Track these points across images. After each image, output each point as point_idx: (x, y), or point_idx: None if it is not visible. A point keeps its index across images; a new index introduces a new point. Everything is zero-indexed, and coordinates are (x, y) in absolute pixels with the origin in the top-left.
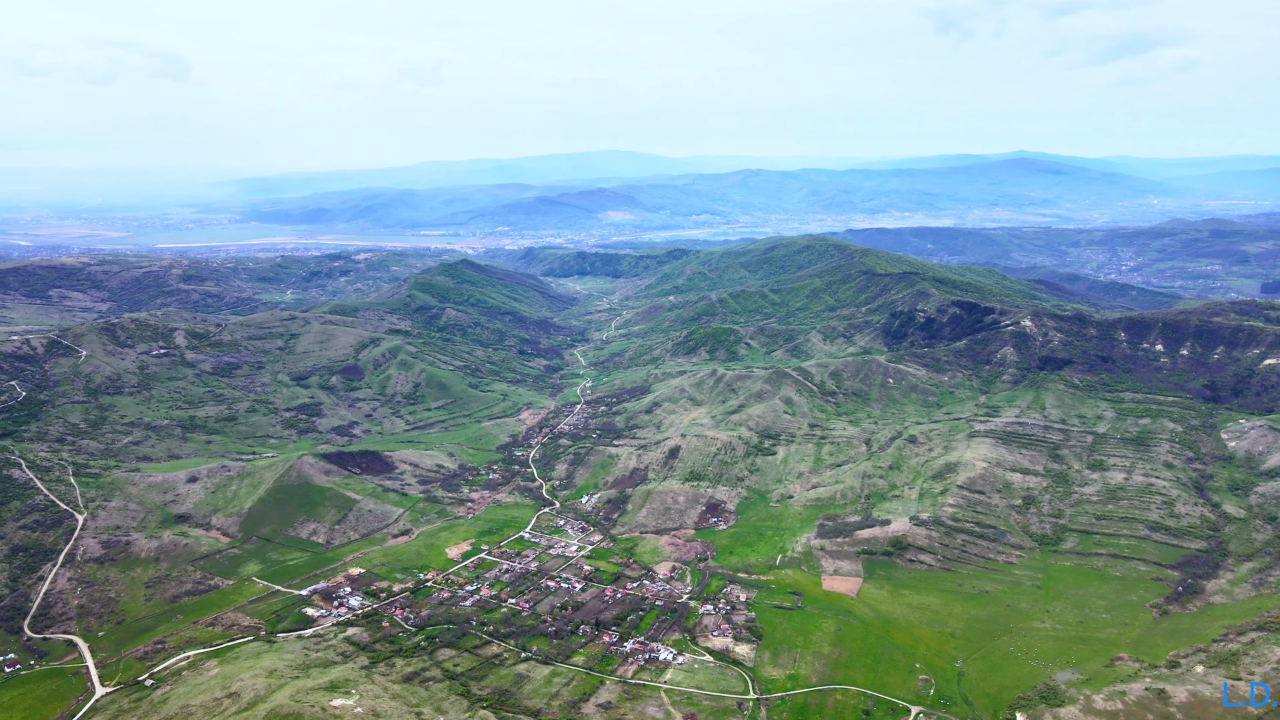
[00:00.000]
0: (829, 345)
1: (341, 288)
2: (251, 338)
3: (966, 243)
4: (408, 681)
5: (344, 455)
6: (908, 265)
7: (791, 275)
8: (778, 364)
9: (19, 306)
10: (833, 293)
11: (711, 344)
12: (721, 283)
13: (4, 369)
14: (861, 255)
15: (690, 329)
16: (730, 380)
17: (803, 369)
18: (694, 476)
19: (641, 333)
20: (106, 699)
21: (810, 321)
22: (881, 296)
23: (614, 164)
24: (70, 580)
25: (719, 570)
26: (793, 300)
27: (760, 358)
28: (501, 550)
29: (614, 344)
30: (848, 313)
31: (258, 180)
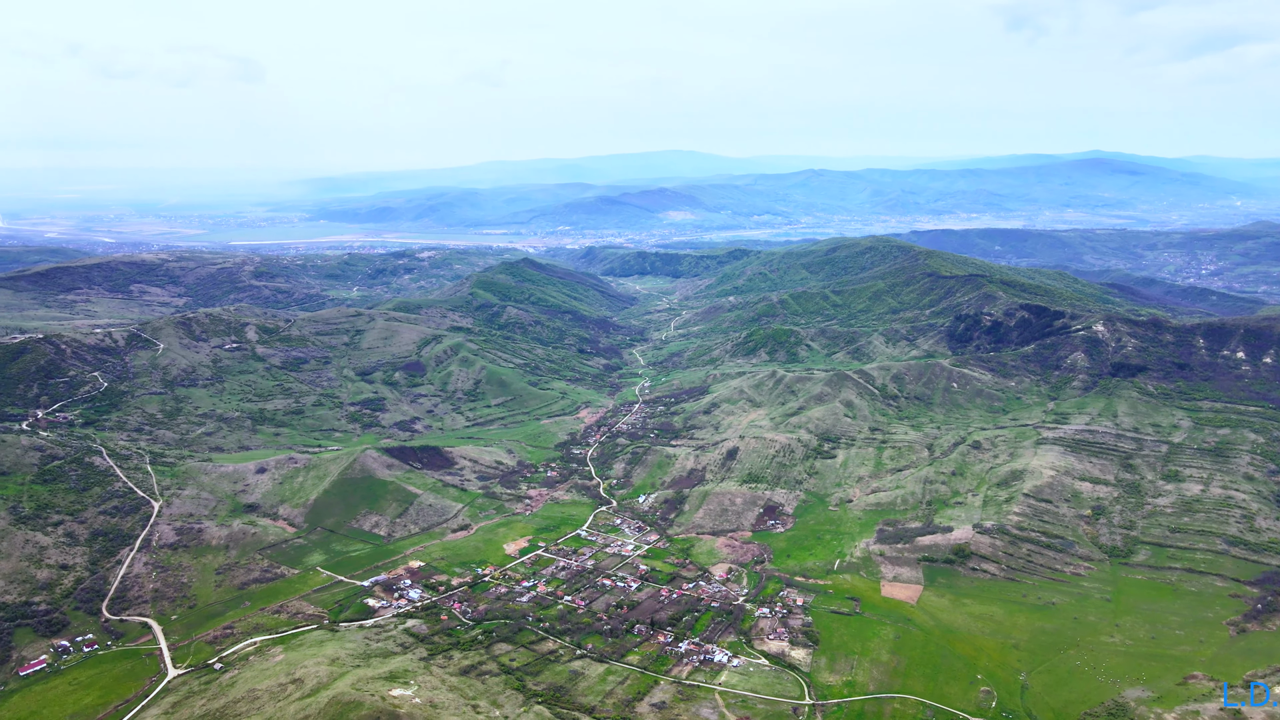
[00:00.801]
0: (891, 348)
1: (405, 285)
2: (319, 333)
3: (1036, 245)
4: (465, 674)
5: (406, 450)
6: (974, 267)
7: (854, 277)
8: (838, 366)
9: (102, 300)
10: (896, 295)
11: (771, 345)
12: (782, 284)
13: (88, 360)
14: (926, 257)
15: (750, 330)
16: (790, 382)
17: (864, 372)
18: (752, 478)
19: (701, 333)
20: (178, 680)
21: (872, 324)
22: (946, 299)
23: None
24: (146, 565)
25: (776, 573)
26: (854, 302)
27: (821, 360)
28: (558, 547)
29: (673, 344)
30: (911, 315)
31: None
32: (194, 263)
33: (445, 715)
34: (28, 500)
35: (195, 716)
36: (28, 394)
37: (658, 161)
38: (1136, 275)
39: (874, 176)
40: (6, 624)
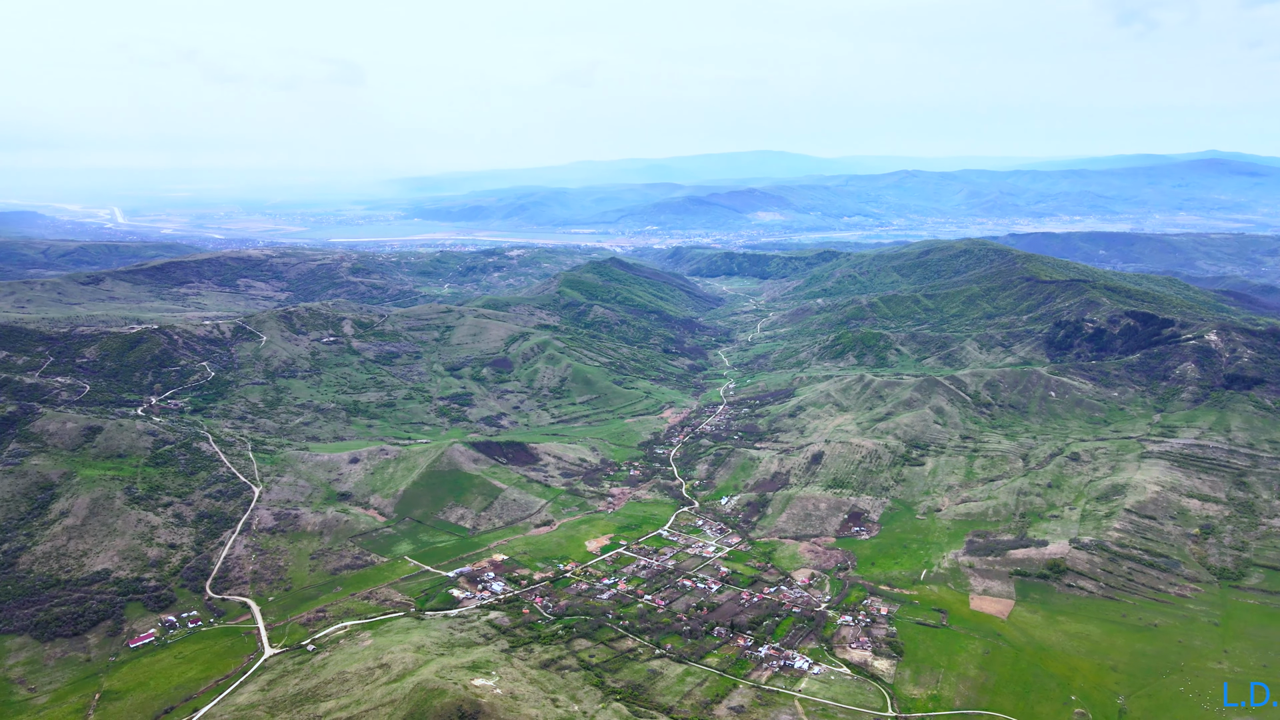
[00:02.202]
0: (985, 354)
1: (495, 283)
2: (411, 328)
3: (1144, 249)
4: (545, 668)
5: (492, 445)
6: (1075, 272)
7: (947, 280)
8: (929, 372)
9: (211, 294)
10: (991, 299)
11: (860, 349)
12: (872, 286)
13: (197, 350)
14: (1024, 261)
15: (838, 333)
16: (878, 387)
17: (956, 378)
18: (837, 484)
19: (787, 335)
20: (274, 659)
21: (965, 329)
22: (1045, 305)
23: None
24: (246, 547)
25: (859, 581)
26: (947, 306)
27: (910, 365)
28: (639, 546)
29: (759, 345)
30: (1007, 321)
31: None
32: (295, 259)
33: (525, 707)
34: (141, 482)
35: (289, 695)
36: (143, 381)
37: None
38: (1255, 283)
39: (970, 177)
40: (119, 598)
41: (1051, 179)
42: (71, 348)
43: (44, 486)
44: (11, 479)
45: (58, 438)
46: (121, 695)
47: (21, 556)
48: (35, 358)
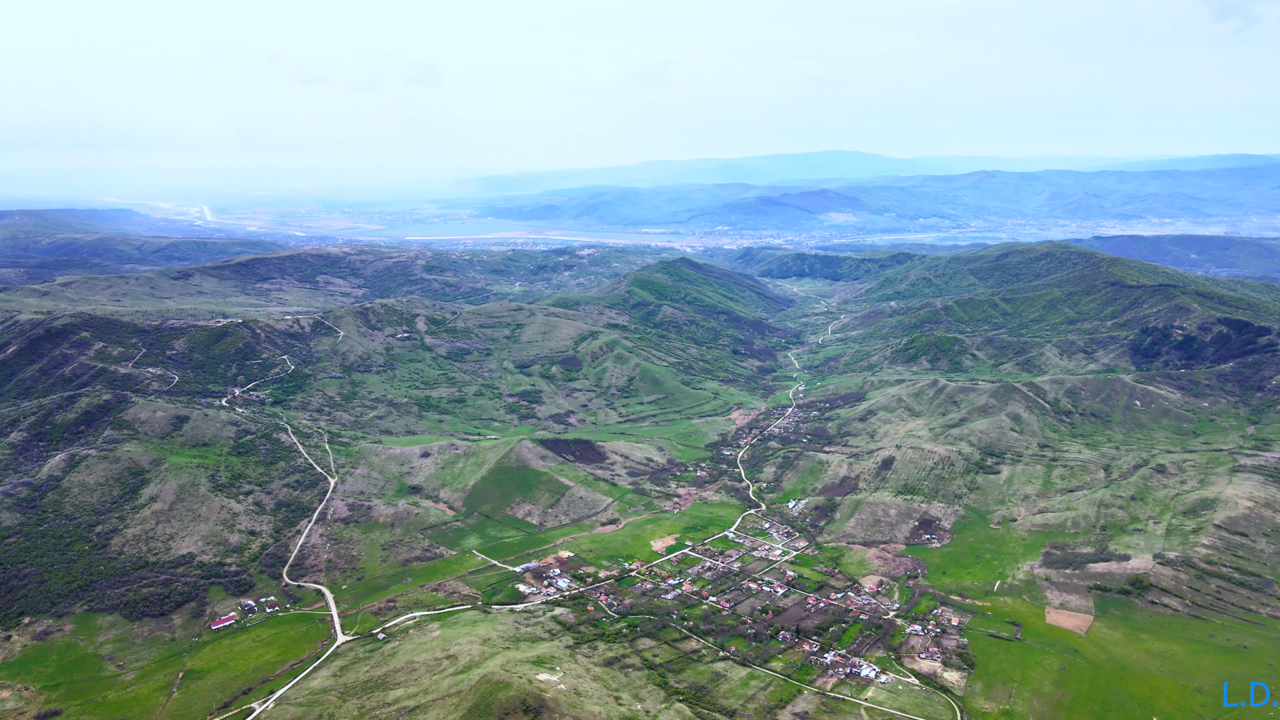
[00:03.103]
0: (1065, 360)
1: (565, 281)
2: (482, 326)
3: (1240, 254)
4: (608, 665)
5: (559, 442)
6: (1164, 277)
7: (1026, 284)
8: (1006, 377)
9: (293, 289)
10: (1073, 304)
11: (933, 353)
12: (947, 290)
13: (278, 344)
14: (1109, 265)
15: (911, 336)
16: (952, 392)
17: (1034, 384)
18: (907, 490)
19: (859, 338)
20: (346, 646)
21: (1045, 334)
22: (1131, 310)
23: (838, 164)
24: (321, 536)
25: (930, 590)
26: (1026, 311)
27: (986, 370)
28: (705, 547)
29: (829, 348)
30: (1089, 326)
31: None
32: (372, 256)
33: (588, 704)
34: (224, 470)
35: (360, 681)
36: (227, 373)
37: (819, 162)
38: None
39: (1053, 178)
40: (203, 581)
41: (1140, 180)
42: (162, 340)
43: (135, 472)
44: (106, 464)
45: (148, 426)
46: (203, 675)
47: (114, 538)
48: (129, 349)
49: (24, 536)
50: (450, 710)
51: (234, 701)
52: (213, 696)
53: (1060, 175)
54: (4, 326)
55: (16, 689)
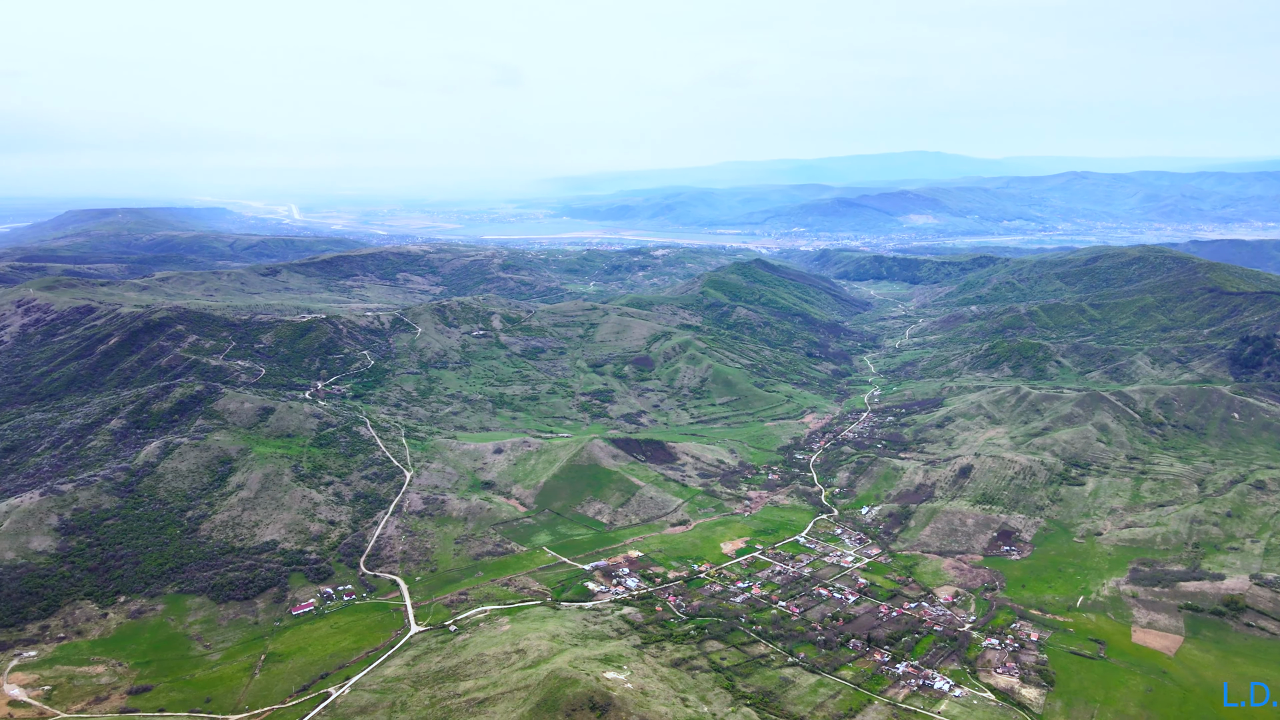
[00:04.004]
0: (1158, 370)
1: (639, 281)
2: (556, 324)
3: None
4: (675, 666)
5: (631, 442)
6: (1268, 283)
7: (1116, 289)
8: (1092, 386)
9: (373, 286)
10: (1166, 311)
11: (1016, 359)
12: (1032, 294)
13: (359, 340)
14: (1207, 270)
15: (992, 342)
16: (1035, 400)
17: (1123, 394)
18: (986, 499)
19: (937, 343)
20: (419, 636)
21: (1136, 342)
22: (1230, 318)
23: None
24: (397, 528)
25: (1008, 603)
26: (1116, 317)
27: (1072, 378)
28: (775, 552)
29: (906, 352)
30: (1184, 335)
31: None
32: (450, 255)
33: (655, 704)
34: (306, 461)
35: (432, 671)
36: (310, 367)
37: (899, 163)
38: None
39: (1147, 179)
40: (285, 568)
41: (1242, 181)
42: (251, 334)
43: (224, 460)
44: (197, 452)
45: (237, 416)
46: (284, 658)
47: (203, 524)
48: (220, 342)
49: (121, 519)
50: (518, 704)
51: (312, 685)
52: (292, 679)
53: (1155, 176)
54: (107, 319)
55: (111, 664)
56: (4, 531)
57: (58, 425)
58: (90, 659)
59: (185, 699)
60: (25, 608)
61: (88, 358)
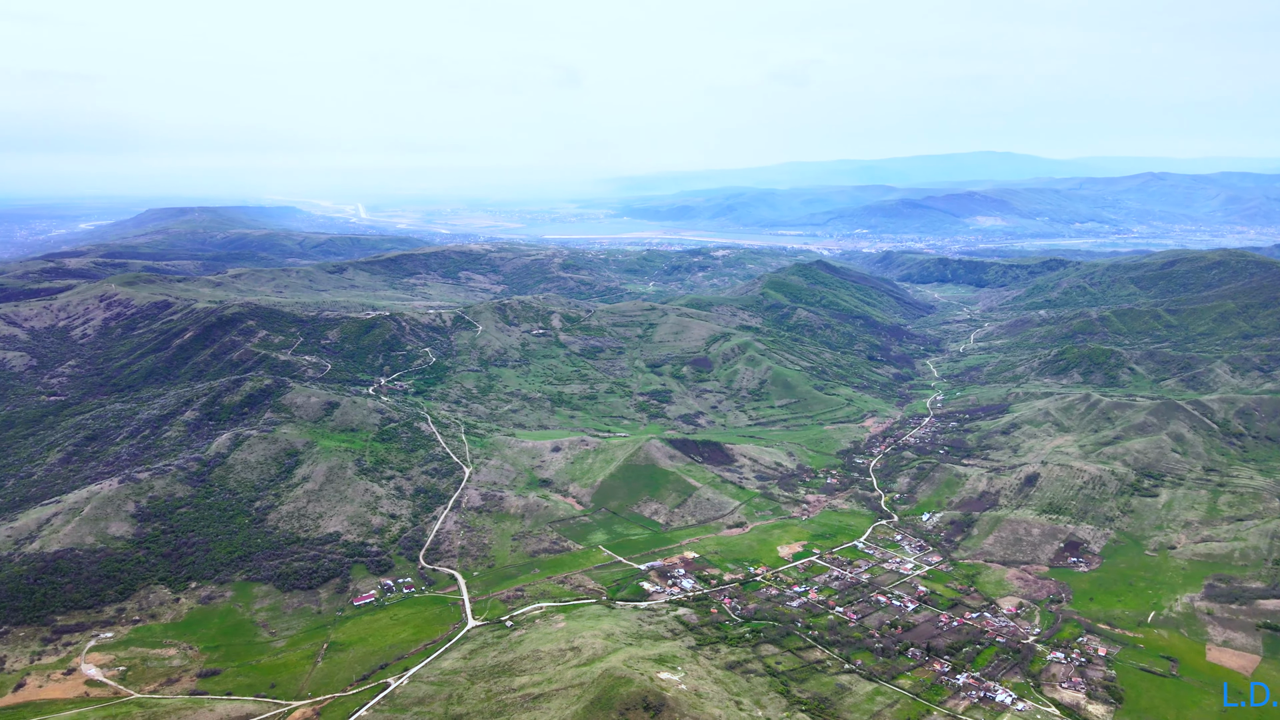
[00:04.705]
0: (1238, 379)
1: (698, 282)
2: (615, 324)
3: None
4: (730, 669)
5: (688, 443)
6: None
7: (1195, 295)
8: (1167, 394)
9: (436, 284)
10: (1249, 317)
11: (1086, 366)
12: (1104, 299)
13: (421, 337)
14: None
15: (1062, 347)
16: (1106, 408)
17: (1200, 403)
18: (1052, 509)
19: (1004, 347)
20: (475, 630)
21: (1215, 349)
22: None
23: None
24: (456, 523)
25: (1074, 616)
26: (1194, 324)
27: (1146, 386)
28: (833, 556)
29: (971, 357)
30: (1268, 343)
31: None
32: (511, 254)
33: (709, 706)
34: (369, 455)
35: (488, 665)
36: (374, 363)
37: (966, 163)
38: None
39: (1229, 180)
40: (347, 559)
41: None
42: (318, 330)
43: (290, 453)
44: (265, 444)
45: (303, 410)
46: (345, 647)
47: (270, 514)
48: (289, 337)
49: (193, 507)
50: (572, 701)
51: (372, 675)
52: (353, 669)
53: (1238, 177)
54: (183, 314)
55: (183, 648)
56: (85, 517)
57: (136, 416)
58: (163, 642)
59: (251, 684)
60: (103, 590)
61: (164, 351)
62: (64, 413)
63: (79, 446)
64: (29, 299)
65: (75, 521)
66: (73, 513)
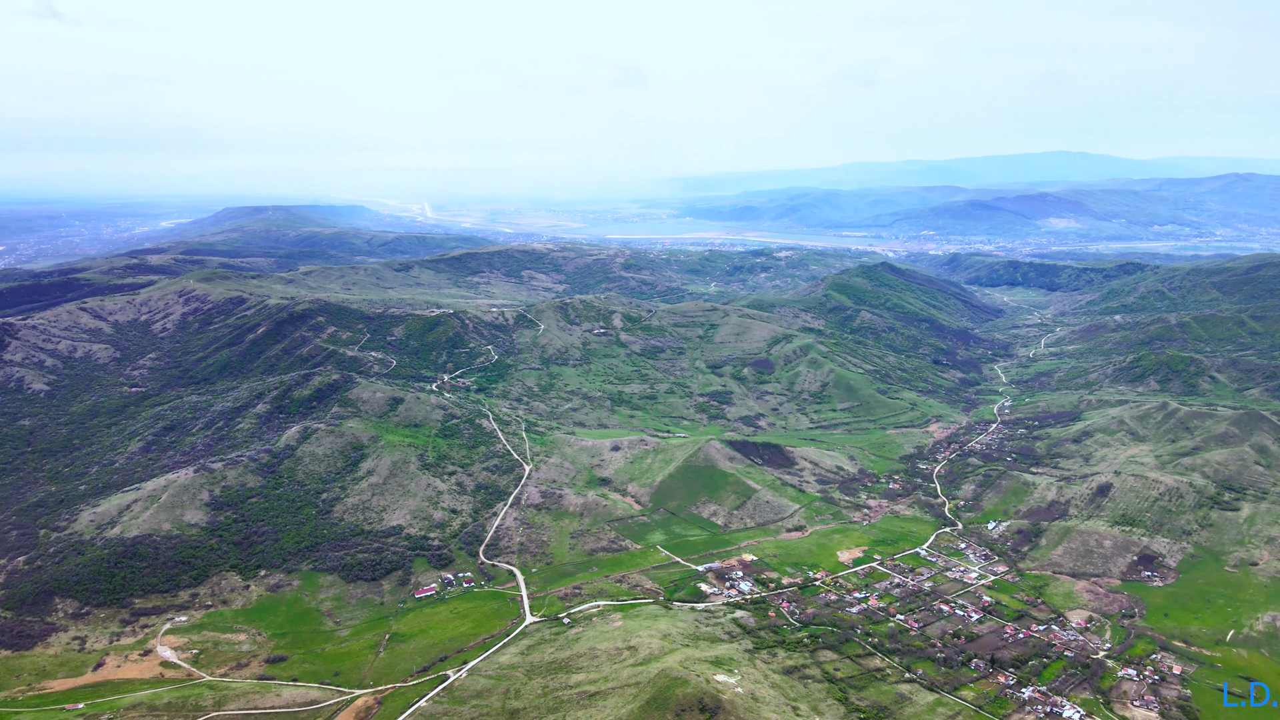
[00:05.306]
0: None
1: (761, 283)
2: (676, 324)
3: None
4: (787, 674)
5: (748, 445)
6: None
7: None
8: (1251, 404)
9: (499, 283)
10: None
11: (1164, 373)
12: (1184, 304)
13: (484, 335)
14: None
15: (1138, 354)
16: (1184, 417)
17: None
18: (1126, 520)
19: (1076, 353)
20: (533, 626)
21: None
22: None
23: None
24: (515, 520)
25: (1148, 632)
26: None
27: (1228, 395)
28: (894, 563)
29: (1041, 362)
30: None
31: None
32: (573, 253)
33: (765, 710)
34: (432, 450)
35: (545, 662)
36: (438, 360)
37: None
38: None
39: None
40: (409, 552)
41: None
42: (384, 326)
43: (356, 447)
44: (332, 437)
45: (369, 405)
46: (406, 639)
47: (336, 506)
48: (356, 334)
49: (263, 498)
50: (628, 700)
51: (432, 666)
52: (413, 660)
53: None
54: (256, 309)
55: (252, 633)
56: (163, 504)
57: (210, 408)
58: (233, 627)
59: (316, 671)
60: (178, 575)
61: (238, 345)
62: (144, 403)
63: (158, 436)
64: (114, 294)
65: (153, 508)
66: (151, 500)
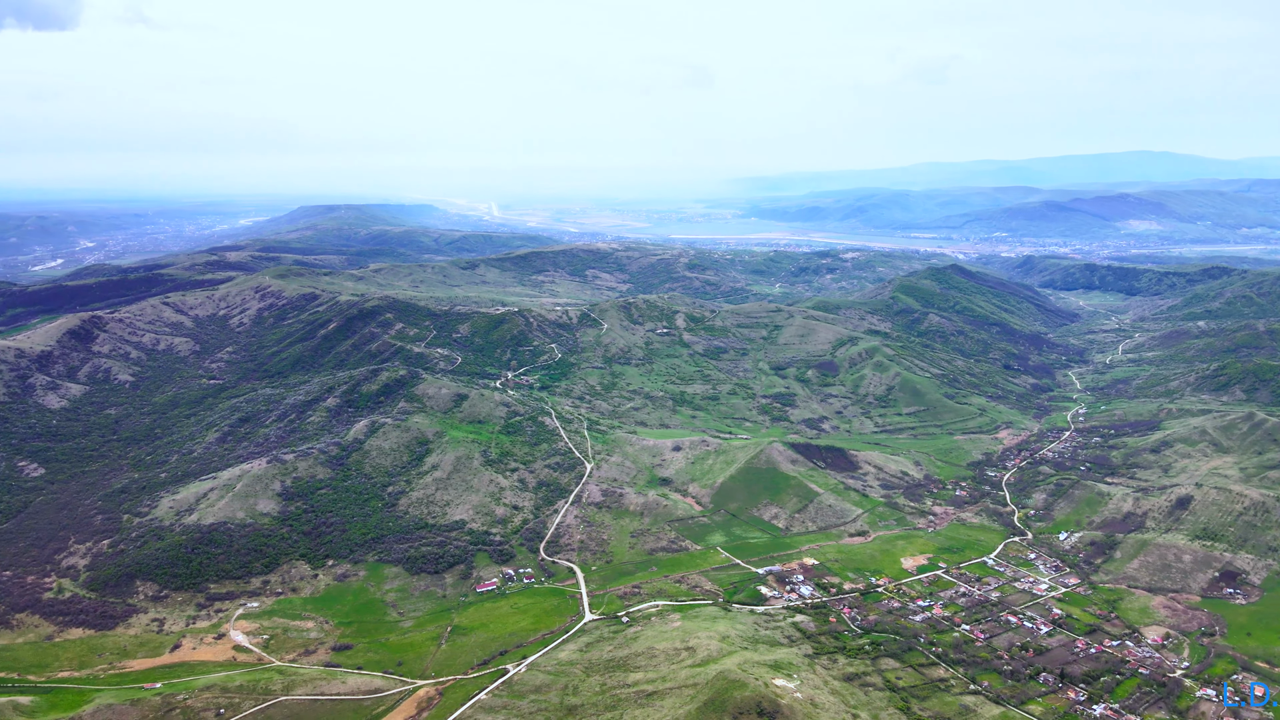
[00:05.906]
0: None
1: (826, 284)
2: (740, 325)
3: None
4: (848, 681)
5: (811, 448)
6: None
7: None
8: None
9: (563, 282)
10: None
11: (1251, 382)
12: (1273, 311)
13: (548, 333)
14: None
15: (1223, 361)
16: (1272, 428)
17: None
18: (1207, 534)
19: (1156, 360)
20: (592, 624)
21: None
22: None
23: (1141, 166)
24: (576, 518)
25: (1229, 651)
26: None
27: None
28: (960, 572)
29: (1118, 369)
30: None
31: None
32: (637, 253)
33: (824, 716)
34: (494, 447)
35: (603, 660)
36: (502, 357)
37: (1118, 163)
38: None
39: None
40: (471, 547)
41: None
42: (450, 323)
43: (421, 441)
44: (399, 432)
45: (434, 401)
46: (467, 632)
47: (401, 499)
48: (423, 330)
49: (332, 489)
50: (685, 701)
51: (492, 660)
52: (474, 653)
53: None
54: (328, 305)
55: (319, 621)
56: (237, 493)
57: (283, 401)
58: (302, 615)
59: (380, 660)
60: (251, 563)
61: (310, 340)
62: (221, 395)
63: (233, 427)
64: (194, 289)
65: (229, 497)
66: (226, 489)
